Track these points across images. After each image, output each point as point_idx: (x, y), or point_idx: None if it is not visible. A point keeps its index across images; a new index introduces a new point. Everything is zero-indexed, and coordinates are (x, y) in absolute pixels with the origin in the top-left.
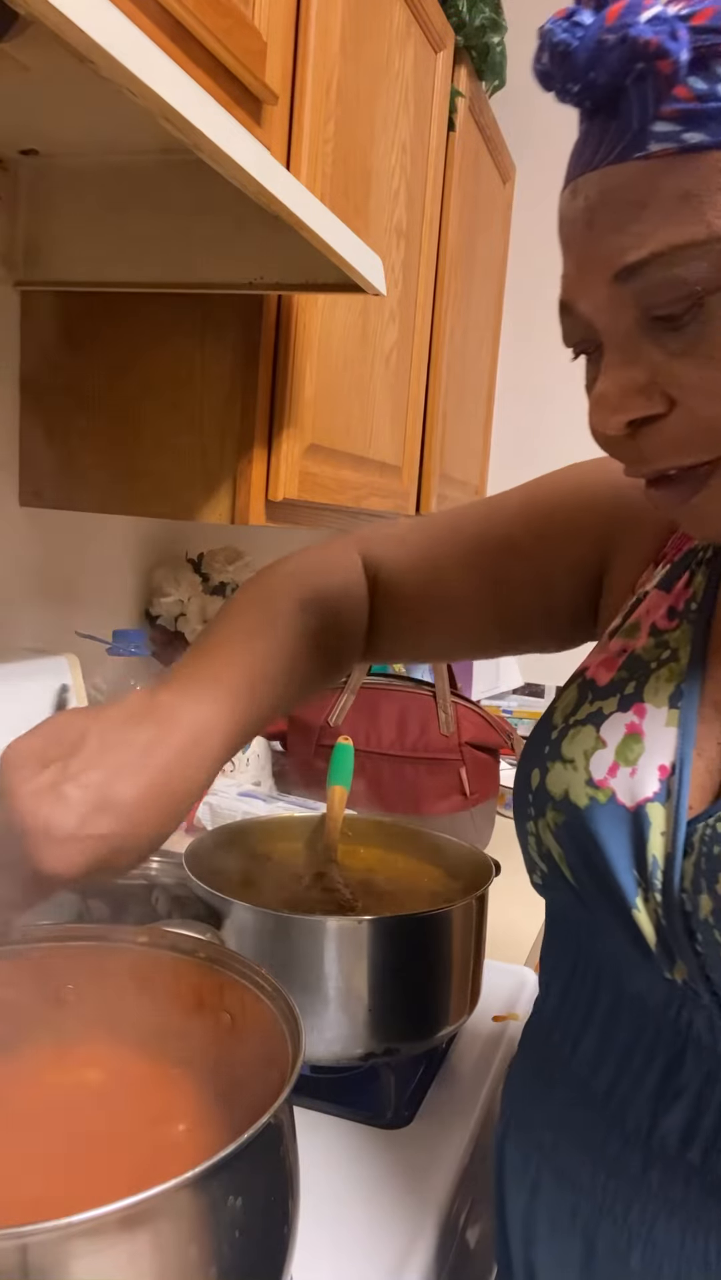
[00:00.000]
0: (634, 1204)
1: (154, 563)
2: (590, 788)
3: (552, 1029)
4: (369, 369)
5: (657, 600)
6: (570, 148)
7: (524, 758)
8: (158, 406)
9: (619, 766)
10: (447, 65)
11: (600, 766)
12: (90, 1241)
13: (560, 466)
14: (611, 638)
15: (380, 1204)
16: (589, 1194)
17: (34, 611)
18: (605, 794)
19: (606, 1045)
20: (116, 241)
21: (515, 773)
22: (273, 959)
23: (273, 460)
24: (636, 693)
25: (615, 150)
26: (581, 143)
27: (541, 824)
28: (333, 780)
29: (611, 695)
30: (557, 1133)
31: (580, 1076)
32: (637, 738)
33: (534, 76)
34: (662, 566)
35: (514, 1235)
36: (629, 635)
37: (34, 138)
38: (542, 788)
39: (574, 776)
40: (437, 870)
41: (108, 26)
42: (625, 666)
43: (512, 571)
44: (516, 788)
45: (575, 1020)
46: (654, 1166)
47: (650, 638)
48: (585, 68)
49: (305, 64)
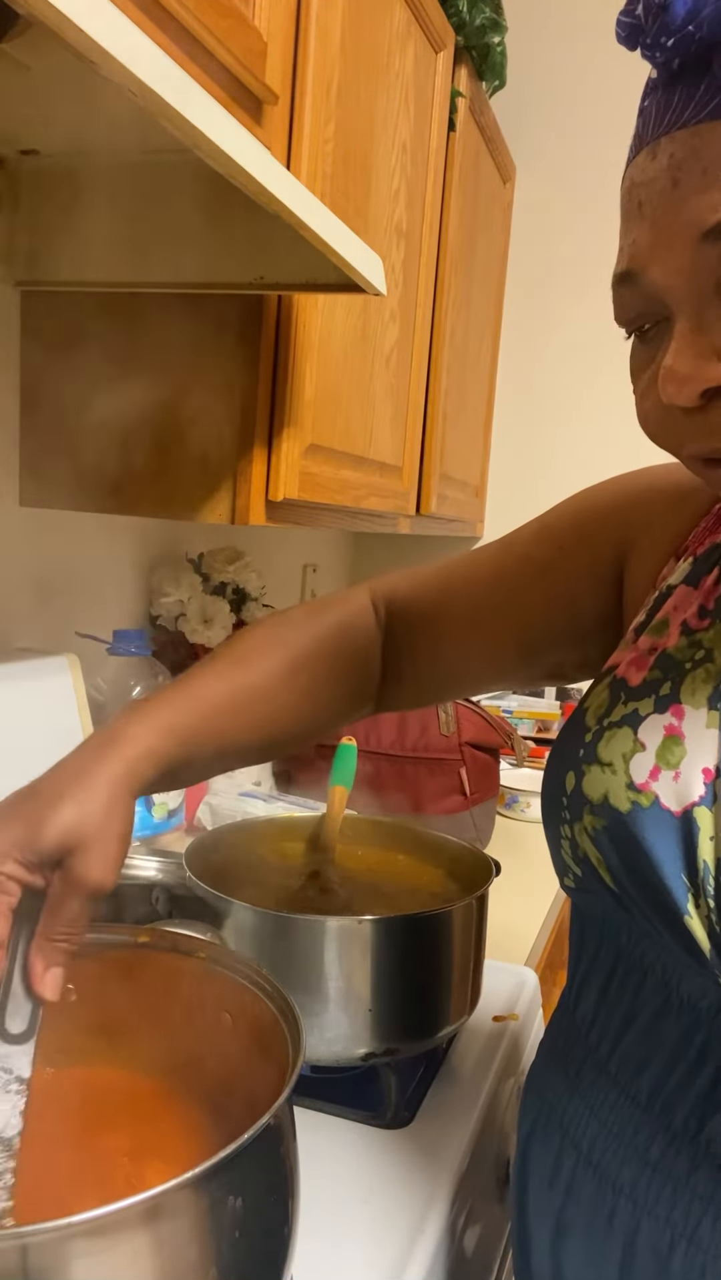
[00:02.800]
0: (677, 1204)
1: (154, 563)
2: (631, 791)
3: (589, 1031)
4: (369, 369)
5: (686, 597)
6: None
7: (554, 760)
8: (158, 406)
9: (660, 770)
10: (448, 65)
11: (640, 770)
12: (90, 1241)
13: (559, 466)
14: (639, 635)
15: (380, 1204)
16: (629, 1194)
17: (34, 611)
18: (648, 798)
19: (652, 1048)
20: (116, 241)
21: (544, 775)
22: (273, 959)
23: (273, 460)
24: (673, 693)
25: (706, 108)
26: (661, 104)
27: (578, 828)
28: (334, 780)
29: (646, 696)
30: (595, 1133)
31: (621, 1078)
32: (678, 740)
33: (617, 31)
34: (685, 560)
35: (539, 1235)
36: (657, 633)
37: (34, 138)
38: (579, 791)
39: (613, 780)
40: (438, 870)
41: (108, 26)
42: (657, 666)
43: (533, 588)
44: (547, 790)
45: (615, 1022)
46: (701, 1168)
47: (682, 636)
48: (684, 21)
49: (305, 64)
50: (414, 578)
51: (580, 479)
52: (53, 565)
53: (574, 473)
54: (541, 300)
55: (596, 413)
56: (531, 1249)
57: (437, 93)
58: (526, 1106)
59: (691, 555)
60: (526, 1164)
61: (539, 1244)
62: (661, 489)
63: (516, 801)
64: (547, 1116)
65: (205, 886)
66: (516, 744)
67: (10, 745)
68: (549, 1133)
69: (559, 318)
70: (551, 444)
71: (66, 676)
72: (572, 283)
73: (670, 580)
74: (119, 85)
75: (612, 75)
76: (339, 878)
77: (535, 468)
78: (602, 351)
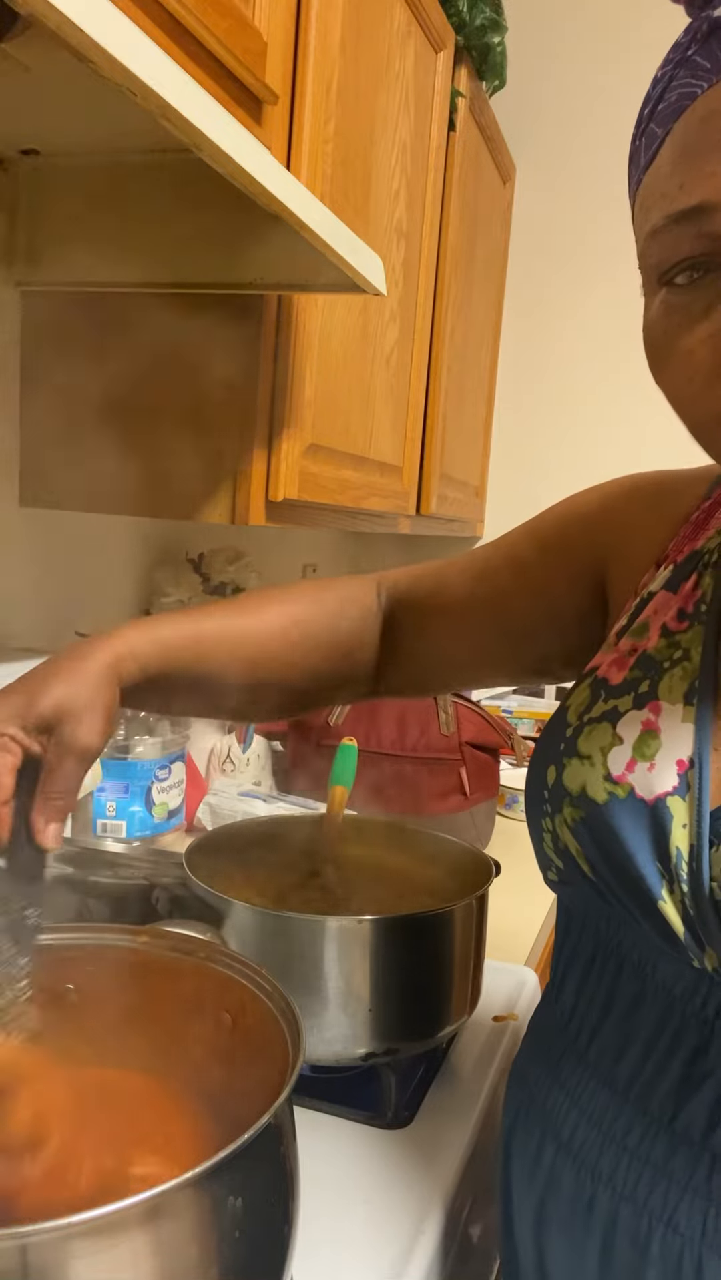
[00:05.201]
0: (655, 1190)
1: (154, 563)
2: (608, 783)
3: (569, 1020)
4: (369, 369)
5: (665, 601)
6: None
7: (537, 755)
8: (158, 406)
9: (636, 762)
10: (448, 65)
11: (617, 762)
12: (90, 1241)
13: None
14: (620, 638)
15: (380, 1204)
16: (608, 1182)
17: (34, 611)
18: (623, 789)
19: (629, 1035)
20: (116, 241)
21: (528, 771)
22: (273, 959)
23: (273, 460)
24: (651, 691)
25: None
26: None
27: (558, 820)
28: (335, 780)
29: (626, 693)
30: (575, 1122)
31: (600, 1066)
32: (654, 734)
33: None
34: (665, 568)
35: (521, 1226)
36: (638, 635)
37: (34, 138)
38: (559, 784)
39: (591, 772)
40: (437, 870)
41: (108, 26)
42: (637, 665)
43: (514, 583)
44: (530, 785)
45: (594, 1011)
46: (677, 1153)
47: (661, 638)
48: None
49: (305, 64)
50: (414, 570)
51: (580, 479)
52: (53, 565)
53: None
54: (541, 300)
55: (596, 412)
56: (516, 1240)
57: (437, 93)
58: (510, 1099)
59: (671, 563)
60: (510, 1156)
61: (522, 1235)
62: (642, 498)
63: (516, 801)
64: (529, 1107)
65: (205, 886)
66: (516, 744)
67: None
68: (530, 1124)
69: (559, 318)
70: (551, 444)
71: None
72: (573, 283)
73: (650, 587)
74: (119, 85)
75: (613, 75)
76: (339, 878)
77: (535, 468)
78: (603, 351)
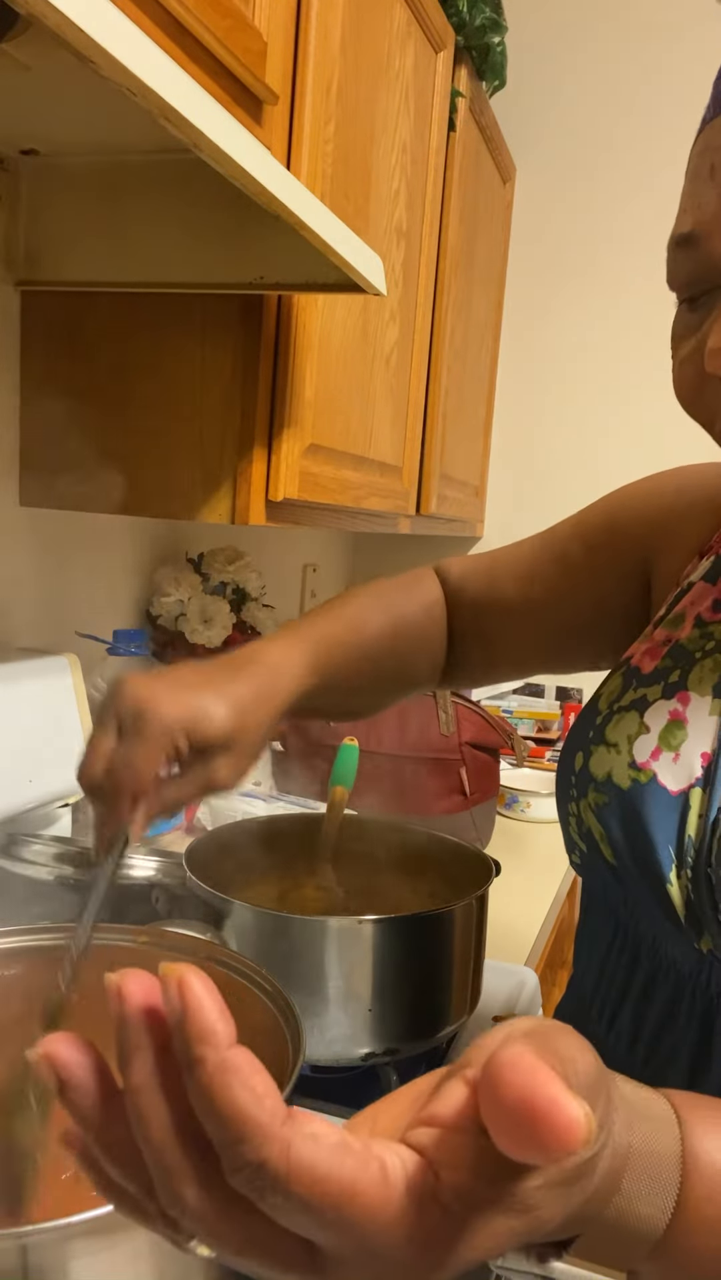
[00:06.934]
0: None
1: (154, 563)
2: (632, 770)
3: (590, 1007)
4: (369, 369)
5: (703, 592)
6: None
7: (568, 742)
8: (158, 407)
9: (661, 751)
10: (448, 65)
11: (643, 750)
12: (90, 1241)
13: (560, 466)
14: (656, 627)
15: None
16: None
17: (34, 611)
18: (647, 775)
19: (642, 1016)
20: (116, 241)
21: (559, 758)
22: (272, 959)
23: (273, 460)
24: (681, 681)
25: None
26: None
27: (583, 804)
28: (335, 780)
29: (656, 683)
30: None
31: (617, 1051)
32: (681, 724)
33: None
34: (708, 559)
35: None
36: (673, 626)
37: (34, 138)
38: (586, 770)
39: (616, 759)
40: (438, 870)
41: (108, 26)
42: (669, 655)
43: (565, 583)
44: (560, 771)
45: (612, 994)
46: None
47: (695, 629)
48: None
49: (305, 64)
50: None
51: (580, 478)
52: (53, 565)
53: (574, 472)
54: (541, 300)
55: (596, 412)
56: None
57: (437, 93)
58: None
59: (714, 554)
60: None
61: None
62: (688, 491)
63: (516, 801)
64: None
65: (205, 886)
66: (516, 744)
67: (10, 745)
68: None
69: (559, 317)
70: (551, 444)
71: (66, 676)
72: (573, 282)
73: (691, 577)
74: (119, 85)
75: (613, 75)
76: (339, 878)
77: (535, 468)
78: (603, 350)
